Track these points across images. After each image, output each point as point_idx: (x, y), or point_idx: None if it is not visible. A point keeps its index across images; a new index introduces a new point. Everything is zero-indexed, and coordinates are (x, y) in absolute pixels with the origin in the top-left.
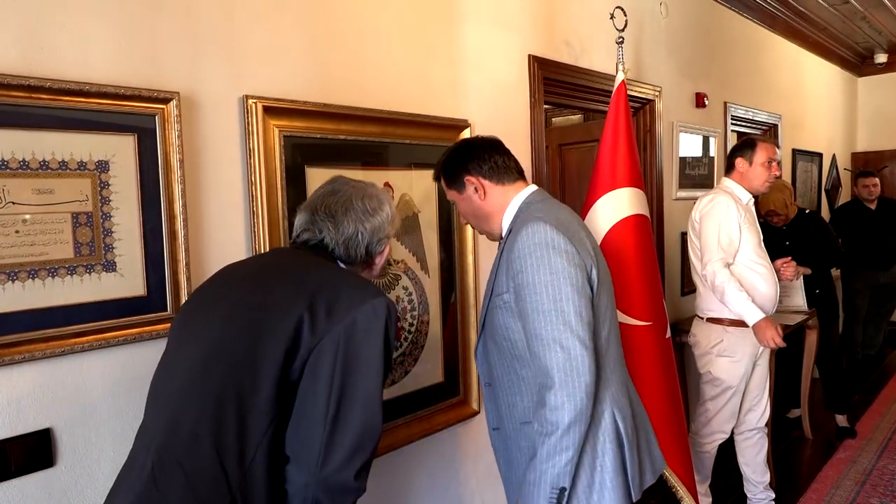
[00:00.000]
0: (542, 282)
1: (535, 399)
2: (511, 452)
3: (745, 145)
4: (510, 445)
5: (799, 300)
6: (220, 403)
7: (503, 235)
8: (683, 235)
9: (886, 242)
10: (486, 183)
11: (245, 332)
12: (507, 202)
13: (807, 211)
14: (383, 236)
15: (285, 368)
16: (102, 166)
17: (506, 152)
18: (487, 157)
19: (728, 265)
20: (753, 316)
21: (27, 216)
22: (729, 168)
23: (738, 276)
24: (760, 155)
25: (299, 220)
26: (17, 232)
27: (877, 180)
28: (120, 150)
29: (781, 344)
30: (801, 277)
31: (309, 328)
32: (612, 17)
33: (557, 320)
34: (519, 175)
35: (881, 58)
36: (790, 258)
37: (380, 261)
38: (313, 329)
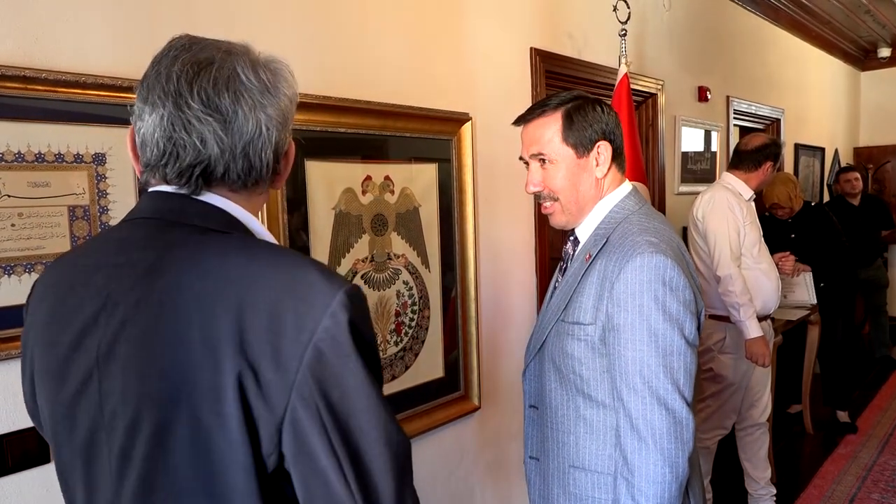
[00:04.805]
0: (651, 329)
1: (605, 445)
2: (551, 491)
3: (777, 149)
4: (550, 484)
5: (804, 295)
6: None
7: (576, 234)
8: (685, 231)
9: (869, 239)
10: (612, 162)
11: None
12: (607, 193)
13: (813, 204)
14: (288, 123)
15: (259, 465)
16: (99, 159)
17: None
18: (622, 132)
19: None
20: (755, 331)
21: (23, 209)
22: (744, 165)
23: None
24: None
25: (147, 124)
26: (12, 225)
27: (858, 175)
28: (117, 143)
29: (767, 366)
30: (810, 275)
31: (257, 394)
32: (615, 10)
33: (665, 377)
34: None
35: (885, 52)
36: (789, 252)
37: (288, 166)
38: (263, 394)
